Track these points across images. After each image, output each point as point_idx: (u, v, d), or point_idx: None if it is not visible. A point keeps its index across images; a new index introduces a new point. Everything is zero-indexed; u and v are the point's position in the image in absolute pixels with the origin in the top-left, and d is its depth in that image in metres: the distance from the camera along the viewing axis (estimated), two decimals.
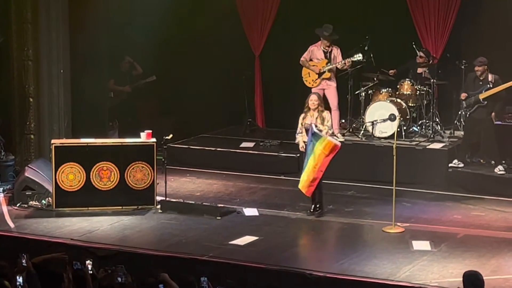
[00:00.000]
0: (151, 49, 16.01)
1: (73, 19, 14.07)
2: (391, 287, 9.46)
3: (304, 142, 11.99)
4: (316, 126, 11.72)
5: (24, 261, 8.31)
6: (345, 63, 14.13)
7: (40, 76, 13.82)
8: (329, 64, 14.18)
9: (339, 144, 11.64)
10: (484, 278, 9.54)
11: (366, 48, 14.40)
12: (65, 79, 13.98)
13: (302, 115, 12.14)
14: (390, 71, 14.74)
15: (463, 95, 13.57)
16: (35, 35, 13.74)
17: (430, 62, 14.55)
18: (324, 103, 14.29)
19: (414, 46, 14.52)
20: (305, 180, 11.81)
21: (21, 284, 8.00)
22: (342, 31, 14.42)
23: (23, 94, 13.86)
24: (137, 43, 15.92)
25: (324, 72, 14.19)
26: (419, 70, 14.55)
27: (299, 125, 12.15)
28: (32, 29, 13.74)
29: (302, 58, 14.34)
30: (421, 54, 14.50)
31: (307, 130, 11.89)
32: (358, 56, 14.07)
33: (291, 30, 16.16)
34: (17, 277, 8.08)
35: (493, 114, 13.40)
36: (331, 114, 14.22)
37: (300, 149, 12.27)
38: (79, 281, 8.23)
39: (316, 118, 11.92)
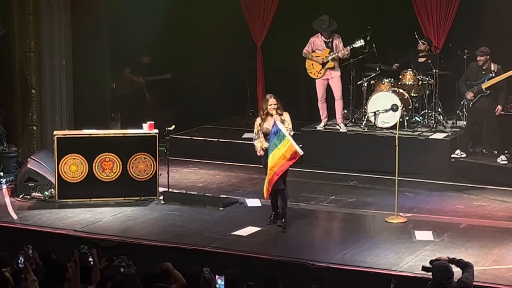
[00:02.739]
0: (153, 40, 16.00)
1: (74, 11, 14.06)
2: (393, 277, 9.45)
3: (263, 148, 11.17)
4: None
5: (30, 252, 8.36)
6: (345, 52, 14.06)
7: (42, 67, 13.84)
8: (331, 53, 14.13)
9: (301, 152, 10.81)
10: (487, 268, 9.60)
11: (368, 38, 14.36)
12: (67, 71, 14.00)
13: (258, 119, 11.28)
14: (395, 65, 14.70)
15: (470, 95, 13.45)
16: (36, 27, 13.75)
17: (432, 52, 14.52)
18: (328, 92, 14.33)
19: (416, 36, 14.49)
20: (265, 183, 11.06)
21: (21, 263, 8.05)
22: (343, 21, 14.39)
23: (25, 86, 13.87)
24: (139, 34, 15.90)
25: (328, 61, 14.14)
26: (421, 59, 14.51)
27: (255, 130, 11.28)
28: (34, 20, 13.75)
29: (304, 51, 14.29)
30: (423, 41, 14.46)
31: (266, 135, 11.09)
32: (360, 42, 14.00)
33: (293, 20, 16.13)
34: (19, 257, 8.13)
35: (499, 107, 13.34)
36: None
37: (258, 154, 11.32)
38: (84, 266, 8.28)
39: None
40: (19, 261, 8.13)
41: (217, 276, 8.09)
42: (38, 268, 8.34)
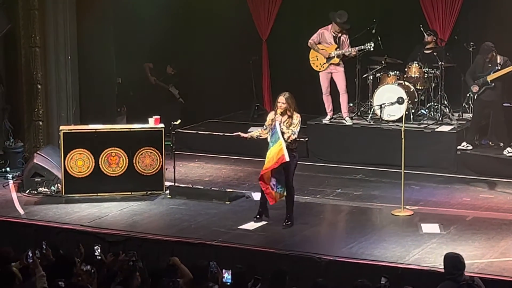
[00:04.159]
0: (158, 35, 15.99)
1: (80, 5, 14.07)
2: (400, 270, 9.47)
3: (255, 137, 11.22)
4: (280, 126, 10.73)
5: (44, 248, 8.40)
6: (351, 52, 14.03)
7: (48, 62, 13.83)
8: (338, 49, 14.11)
9: (287, 159, 10.50)
10: (494, 260, 9.60)
11: (373, 31, 14.35)
12: (73, 66, 14.01)
13: (272, 113, 10.99)
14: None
15: (475, 89, 13.43)
16: (42, 22, 13.75)
17: (438, 44, 14.50)
18: (333, 86, 14.32)
19: (421, 28, 14.47)
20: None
21: (31, 257, 8.08)
22: (349, 14, 14.34)
23: (31, 81, 13.88)
24: (144, 28, 15.90)
25: (333, 57, 14.11)
26: (427, 51, 14.48)
27: (267, 122, 11.00)
28: (40, 15, 13.74)
29: (310, 40, 14.23)
30: (429, 32, 14.44)
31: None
32: (370, 46, 13.98)
33: (299, 14, 16.09)
34: (28, 252, 8.16)
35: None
36: (340, 100, 14.28)
37: (241, 134, 11.44)
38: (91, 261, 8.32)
39: (284, 121, 10.80)
40: (28, 256, 8.15)
41: (223, 270, 8.12)
42: (48, 263, 8.37)
